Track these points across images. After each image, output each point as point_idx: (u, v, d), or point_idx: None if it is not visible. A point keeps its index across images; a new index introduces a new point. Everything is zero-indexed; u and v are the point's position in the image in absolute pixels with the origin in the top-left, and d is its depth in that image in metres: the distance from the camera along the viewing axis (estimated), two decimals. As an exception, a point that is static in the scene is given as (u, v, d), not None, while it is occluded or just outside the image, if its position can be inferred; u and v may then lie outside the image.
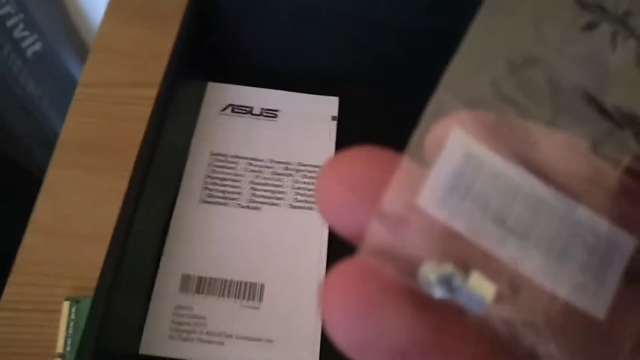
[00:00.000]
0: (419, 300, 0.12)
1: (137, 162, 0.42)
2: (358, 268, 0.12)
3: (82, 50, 0.79)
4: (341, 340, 0.12)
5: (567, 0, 0.14)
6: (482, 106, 0.13)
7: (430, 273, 0.12)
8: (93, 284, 0.37)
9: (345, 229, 0.13)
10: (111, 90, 0.55)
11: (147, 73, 0.54)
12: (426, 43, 0.52)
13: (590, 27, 0.14)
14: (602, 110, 0.14)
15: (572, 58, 0.14)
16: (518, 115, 0.13)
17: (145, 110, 0.45)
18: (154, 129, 0.44)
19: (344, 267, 0.12)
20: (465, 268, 0.12)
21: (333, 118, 0.53)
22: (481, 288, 0.12)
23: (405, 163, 0.13)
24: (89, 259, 0.45)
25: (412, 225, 0.12)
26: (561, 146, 0.13)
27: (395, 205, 0.12)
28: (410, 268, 0.12)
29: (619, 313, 0.13)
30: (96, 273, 0.38)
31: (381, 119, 0.52)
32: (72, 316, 0.44)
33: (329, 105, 0.54)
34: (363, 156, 0.13)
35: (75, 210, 0.49)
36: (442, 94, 0.13)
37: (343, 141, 0.52)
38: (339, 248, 0.46)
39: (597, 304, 0.13)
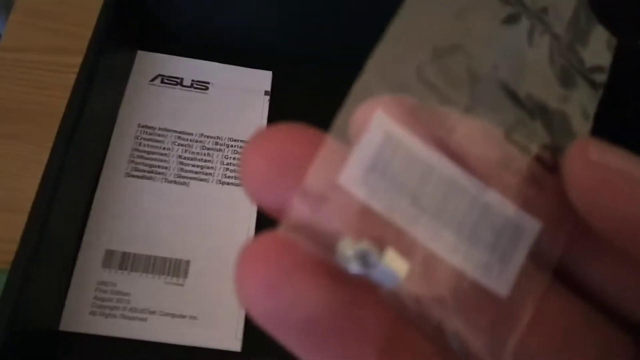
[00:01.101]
0: (334, 275, 0.13)
1: (59, 132, 0.41)
2: (275, 241, 0.13)
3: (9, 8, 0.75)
4: (254, 310, 0.12)
5: None
6: (405, 90, 0.13)
7: (347, 249, 0.12)
8: (11, 257, 0.36)
9: (267, 204, 0.13)
10: (35, 55, 0.52)
11: (73, 38, 0.52)
12: (362, 18, 0.52)
13: (510, 20, 0.15)
14: (516, 100, 0.14)
15: (491, 49, 0.15)
16: (438, 100, 0.14)
17: (70, 78, 0.43)
18: (78, 98, 0.42)
19: (262, 239, 0.13)
20: (381, 245, 0.13)
21: (266, 93, 0.53)
22: (395, 265, 0.13)
23: (329, 142, 0.13)
24: (8, 231, 0.43)
25: (332, 202, 0.13)
26: (476, 132, 0.14)
27: (317, 183, 0.13)
28: (328, 244, 0.12)
29: (520, 292, 0.13)
30: (15, 246, 0.36)
31: (314, 94, 0.52)
32: (-12, 290, 0.42)
33: (262, 79, 0.53)
34: (288, 132, 0.13)
35: (-7, 180, 0.47)
36: (367, 76, 0.13)
37: (275, 116, 0.52)
38: (267, 226, 0.46)
39: (501, 284, 0.13)
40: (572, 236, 0.14)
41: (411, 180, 0.13)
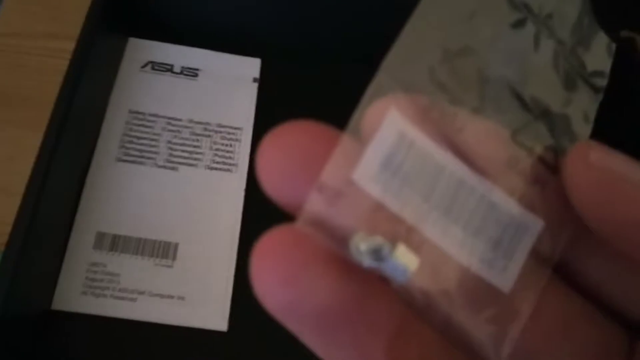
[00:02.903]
0: (346, 268, 0.13)
1: (52, 117, 0.41)
2: (290, 234, 0.13)
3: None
4: (268, 302, 0.13)
5: None
6: (417, 90, 0.14)
7: (361, 243, 0.13)
8: (5, 239, 0.37)
9: (283, 198, 0.14)
10: (28, 41, 0.53)
11: (66, 25, 0.53)
12: (351, 6, 0.53)
13: (518, 25, 0.15)
14: (522, 102, 0.15)
15: (500, 52, 0.15)
16: (449, 101, 0.14)
17: (62, 64, 0.44)
18: (71, 83, 0.43)
19: (277, 231, 0.13)
20: (393, 240, 0.13)
21: (254, 80, 0.53)
22: (405, 259, 0.13)
23: (345, 139, 0.13)
24: (4, 214, 0.44)
25: (347, 198, 0.13)
26: (484, 132, 0.14)
27: (333, 179, 0.13)
28: (342, 238, 0.13)
29: (522, 287, 0.14)
30: (8, 228, 0.37)
31: (302, 81, 0.53)
32: (-16, 271, 0.43)
33: (251, 66, 0.54)
34: (304, 129, 0.14)
35: (-12, 164, 0.48)
36: (381, 76, 0.13)
37: (263, 103, 0.52)
38: (254, 210, 0.47)
39: (504, 279, 0.14)
40: (572, 235, 0.14)
41: (422, 178, 0.13)
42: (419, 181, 0.13)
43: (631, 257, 0.14)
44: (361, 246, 0.13)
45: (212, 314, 0.44)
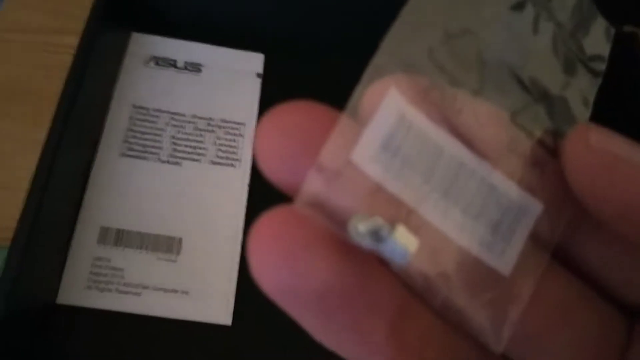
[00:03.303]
0: (346, 249, 0.13)
1: (56, 112, 0.41)
2: (289, 214, 0.13)
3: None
4: (265, 282, 0.12)
5: None
6: (417, 71, 0.14)
7: (360, 224, 0.12)
8: (10, 234, 0.37)
9: (281, 179, 0.13)
10: (31, 36, 0.53)
11: (69, 20, 0.53)
12: (354, 2, 0.53)
13: (517, 7, 0.15)
14: (522, 84, 0.15)
15: (500, 34, 0.15)
16: (448, 82, 0.14)
17: (64, 59, 0.44)
18: (75, 78, 0.43)
19: (275, 212, 0.13)
20: (392, 222, 0.13)
21: (258, 75, 0.53)
22: (405, 241, 0.13)
23: (344, 119, 0.13)
24: (7, 209, 0.44)
25: (346, 178, 0.13)
26: (483, 114, 0.14)
27: (332, 159, 0.13)
28: (341, 219, 0.13)
29: (521, 271, 0.14)
30: (14, 223, 0.37)
31: (305, 77, 0.53)
32: (-11, 266, 0.43)
33: (254, 61, 0.54)
34: (302, 110, 0.13)
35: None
36: (381, 56, 0.13)
37: (267, 98, 0.52)
38: (258, 205, 0.47)
39: (503, 262, 0.14)
40: (572, 218, 0.14)
41: (422, 160, 0.13)
42: (418, 162, 0.13)
43: (631, 240, 0.14)
44: (360, 227, 0.12)
45: (216, 308, 0.44)
